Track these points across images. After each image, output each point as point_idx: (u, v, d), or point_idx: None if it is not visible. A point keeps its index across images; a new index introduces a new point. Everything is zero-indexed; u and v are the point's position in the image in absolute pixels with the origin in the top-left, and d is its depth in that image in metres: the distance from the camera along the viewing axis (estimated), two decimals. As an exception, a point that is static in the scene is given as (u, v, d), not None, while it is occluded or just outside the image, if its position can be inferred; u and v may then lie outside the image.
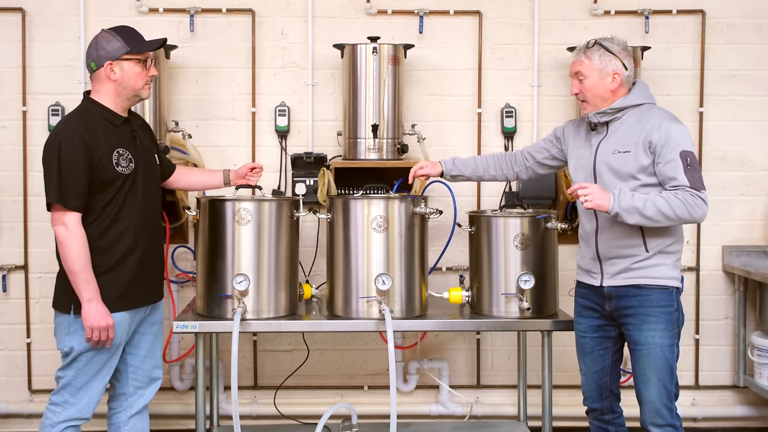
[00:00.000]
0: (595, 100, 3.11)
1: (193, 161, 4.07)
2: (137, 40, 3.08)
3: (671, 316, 3.03)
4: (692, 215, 2.91)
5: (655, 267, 3.03)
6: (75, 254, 2.91)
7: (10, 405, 4.26)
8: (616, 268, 3.08)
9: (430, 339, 4.34)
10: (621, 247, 3.07)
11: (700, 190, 2.91)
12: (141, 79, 3.07)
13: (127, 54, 3.02)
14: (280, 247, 3.33)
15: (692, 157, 2.94)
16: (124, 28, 3.10)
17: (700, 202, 2.90)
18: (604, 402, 3.27)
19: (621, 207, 2.94)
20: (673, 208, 2.89)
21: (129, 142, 3.08)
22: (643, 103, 3.10)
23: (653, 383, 3.02)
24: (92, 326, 2.93)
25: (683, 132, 2.98)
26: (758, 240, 4.33)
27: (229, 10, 4.21)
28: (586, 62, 3.10)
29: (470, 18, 4.26)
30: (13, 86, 4.17)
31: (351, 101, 3.94)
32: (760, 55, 4.29)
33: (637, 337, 3.05)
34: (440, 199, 4.08)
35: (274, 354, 4.35)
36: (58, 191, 2.90)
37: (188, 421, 4.26)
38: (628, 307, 3.06)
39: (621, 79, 3.08)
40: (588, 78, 3.10)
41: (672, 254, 3.06)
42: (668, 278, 3.04)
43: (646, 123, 3.02)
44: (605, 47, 3.09)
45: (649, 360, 3.03)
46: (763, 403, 4.37)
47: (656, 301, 3.02)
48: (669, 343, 3.02)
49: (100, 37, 3.05)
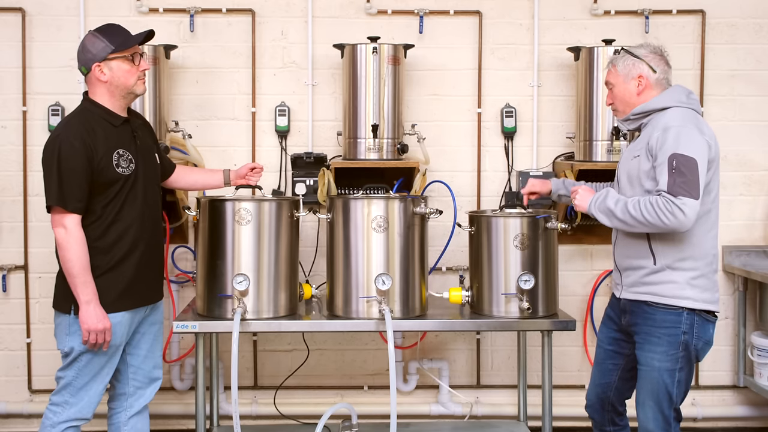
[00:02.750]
0: (623, 106, 3.07)
1: (193, 161, 4.06)
2: (120, 37, 3.02)
3: (675, 339, 2.87)
4: (664, 222, 2.74)
5: (664, 284, 2.89)
6: (74, 256, 2.91)
7: (10, 405, 4.26)
8: (630, 279, 3.01)
9: (430, 339, 4.34)
10: (630, 257, 3.00)
11: (677, 195, 2.72)
12: (131, 75, 3.03)
13: (113, 53, 2.98)
14: (280, 247, 3.33)
15: (683, 161, 2.75)
16: (108, 27, 3.05)
17: (674, 209, 2.72)
18: (604, 415, 3.23)
19: (597, 207, 2.94)
20: (642, 212, 2.78)
21: (129, 142, 3.07)
22: (669, 106, 2.96)
23: (648, 407, 2.94)
24: (89, 329, 2.93)
25: (684, 135, 2.81)
26: (758, 240, 4.33)
27: (229, 10, 4.21)
28: (613, 71, 3.09)
29: (470, 18, 4.25)
30: (13, 86, 4.17)
31: (351, 101, 3.94)
32: (760, 55, 4.29)
33: (639, 356, 2.98)
34: (440, 199, 4.08)
35: (274, 354, 4.35)
36: (57, 193, 2.90)
37: (188, 421, 4.26)
38: (635, 324, 2.99)
39: (647, 82, 3.01)
40: (615, 85, 3.07)
41: (685, 271, 2.87)
42: (678, 297, 2.87)
43: (655, 125, 2.93)
44: (630, 53, 3.05)
45: (646, 382, 2.94)
46: (763, 403, 4.37)
47: (660, 322, 2.90)
48: (669, 368, 2.89)
49: (86, 39, 3.03)
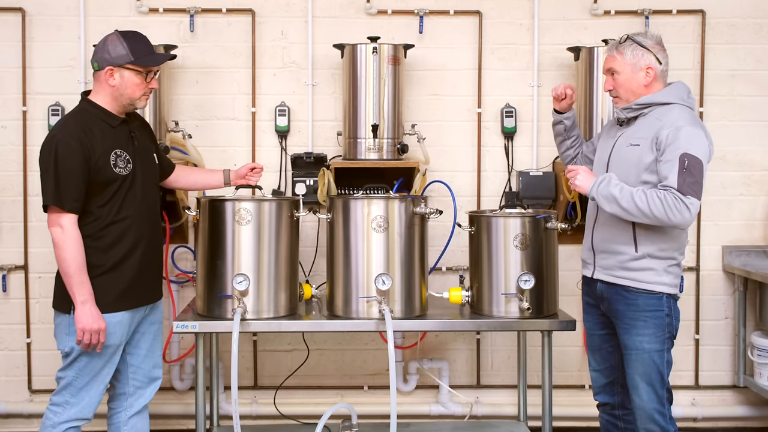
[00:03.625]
0: (627, 95, 3.07)
1: (193, 161, 4.06)
2: (144, 52, 3.02)
3: (661, 321, 2.99)
4: (669, 218, 2.84)
5: (643, 271, 3.00)
6: (70, 256, 2.90)
7: (10, 405, 4.26)
8: (606, 262, 3.09)
9: (430, 339, 4.34)
10: (612, 242, 3.06)
11: (687, 195, 2.82)
12: (139, 90, 3.04)
13: (130, 64, 3.00)
14: (280, 247, 3.33)
15: (693, 162, 2.84)
16: (135, 35, 3.06)
17: (682, 207, 2.82)
18: (615, 397, 3.28)
19: (599, 192, 2.95)
20: (650, 205, 2.84)
21: (126, 142, 3.07)
22: (672, 102, 3.02)
23: (642, 388, 3.01)
24: (84, 328, 2.92)
25: (694, 136, 2.88)
26: (758, 240, 4.33)
27: (229, 10, 4.21)
28: (618, 58, 3.07)
29: (470, 18, 4.25)
30: (13, 86, 4.17)
31: (351, 101, 3.94)
32: (760, 55, 4.28)
33: (626, 342, 3.05)
34: (440, 199, 4.08)
35: (274, 354, 4.34)
36: (54, 193, 2.90)
37: (188, 421, 4.26)
38: (617, 310, 3.07)
39: (655, 73, 3.04)
40: (621, 74, 3.06)
41: (664, 259, 3.00)
42: (657, 283, 3.00)
43: (662, 120, 2.96)
44: (638, 42, 3.05)
45: (638, 365, 3.01)
46: (763, 403, 4.37)
47: (644, 306, 3.00)
48: (658, 348, 2.99)
49: (109, 39, 3.02)
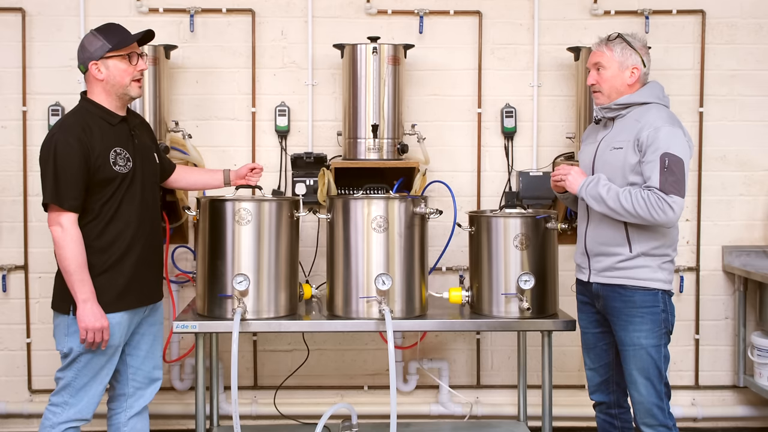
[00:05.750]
0: (610, 91, 3.11)
1: (193, 161, 4.06)
2: (118, 36, 3.01)
3: (657, 317, 3.03)
4: (654, 217, 2.90)
5: (639, 269, 3.04)
6: (70, 254, 2.90)
7: (10, 405, 4.26)
8: (601, 264, 3.11)
9: (430, 339, 4.34)
10: (606, 244, 3.09)
11: (669, 194, 2.88)
12: (127, 75, 3.02)
13: (110, 51, 2.98)
14: (280, 247, 3.33)
15: (673, 161, 2.90)
16: (107, 26, 3.06)
17: (665, 206, 2.88)
18: (610, 396, 3.29)
19: (588, 192, 3.01)
20: (634, 205, 2.91)
21: (126, 141, 3.07)
22: (649, 102, 3.08)
23: (641, 384, 3.04)
24: (87, 327, 2.92)
25: (673, 135, 2.95)
26: (758, 240, 4.33)
27: (229, 10, 4.20)
28: (607, 53, 3.11)
29: (470, 18, 4.25)
30: (13, 86, 4.17)
31: (351, 101, 3.94)
32: (760, 55, 4.28)
33: (623, 338, 3.08)
34: (440, 199, 4.08)
35: (274, 354, 4.34)
36: (54, 191, 2.90)
37: (188, 421, 4.26)
38: (613, 307, 3.09)
39: (639, 74, 3.09)
40: (607, 69, 3.10)
41: (657, 257, 3.05)
42: (652, 280, 3.04)
43: (641, 121, 3.02)
44: (627, 41, 3.10)
45: (635, 361, 3.04)
46: (763, 403, 4.37)
47: (640, 302, 3.03)
48: (655, 344, 3.03)
49: (85, 38, 3.04)
